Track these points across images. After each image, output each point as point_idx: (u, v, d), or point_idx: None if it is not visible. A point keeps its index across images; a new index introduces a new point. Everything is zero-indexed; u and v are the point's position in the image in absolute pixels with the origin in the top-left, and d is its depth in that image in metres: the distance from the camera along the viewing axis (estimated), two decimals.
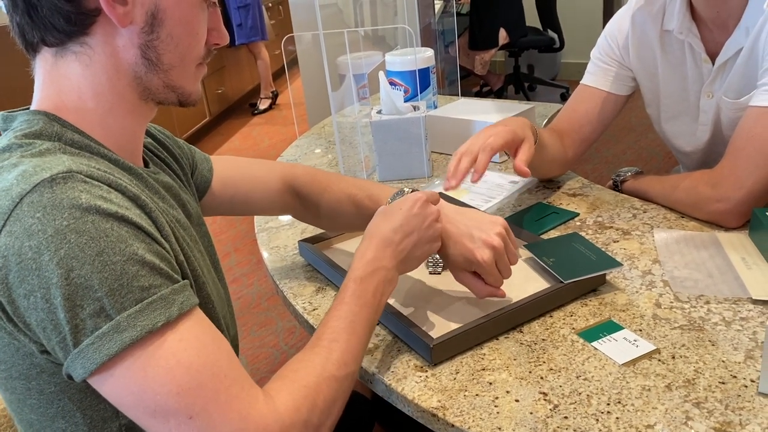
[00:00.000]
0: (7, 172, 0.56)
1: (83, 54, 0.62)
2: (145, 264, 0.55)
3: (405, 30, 1.45)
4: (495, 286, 0.81)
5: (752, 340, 0.73)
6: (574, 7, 4.48)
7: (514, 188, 1.21)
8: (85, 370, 0.53)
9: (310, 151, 1.57)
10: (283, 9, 5.62)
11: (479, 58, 4.01)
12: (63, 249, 0.51)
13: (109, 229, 0.53)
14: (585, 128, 1.21)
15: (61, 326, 0.52)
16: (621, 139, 3.49)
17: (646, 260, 0.92)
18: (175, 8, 0.63)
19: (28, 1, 0.60)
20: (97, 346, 0.52)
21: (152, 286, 0.55)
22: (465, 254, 0.78)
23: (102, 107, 0.64)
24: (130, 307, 0.53)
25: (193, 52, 0.66)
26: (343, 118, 1.49)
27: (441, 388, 0.72)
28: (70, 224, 0.52)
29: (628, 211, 1.07)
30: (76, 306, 0.52)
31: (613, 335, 0.77)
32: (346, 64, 1.39)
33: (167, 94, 0.67)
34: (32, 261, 0.51)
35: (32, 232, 0.51)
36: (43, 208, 0.51)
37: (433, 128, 1.39)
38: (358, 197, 0.92)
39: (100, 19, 0.61)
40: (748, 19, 1.00)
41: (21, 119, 0.62)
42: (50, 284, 0.51)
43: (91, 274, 0.52)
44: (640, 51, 1.16)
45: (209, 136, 4.56)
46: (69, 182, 0.53)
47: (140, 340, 0.53)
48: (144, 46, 0.63)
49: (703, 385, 0.68)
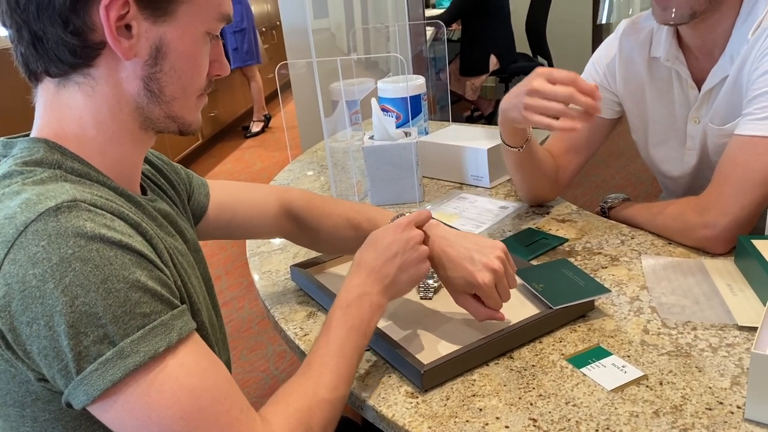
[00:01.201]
0: (8, 199, 0.56)
1: (86, 84, 0.63)
2: (147, 291, 0.55)
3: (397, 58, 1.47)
4: (494, 309, 0.81)
5: (738, 366, 0.74)
6: (563, 33, 4.56)
7: (504, 213, 1.22)
8: (88, 397, 0.53)
9: (302, 174, 1.58)
10: (276, 34, 5.69)
11: (470, 83, 4.06)
12: (68, 277, 0.51)
13: (113, 256, 0.54)
14: (573, 152, 1.23)
15: (63, 354, 0.53)
16: (610, 164, 3.53)
17: (634, 286, 0.93)
18: (179, 42, 0.64)
19: (33, 33, 0.60)
20: (100, 372, 0.53)
21: (153, 312, 0.55)
22: (466, 277, 0.79)
23: (102, 136, 0.65)
24: (132, 334, 0.54)
25: (195, 84, 0.67)
26: (336, 143, 1.51)
27: (431, 414, 0.72)
28: (75, 252, 0.52)
29: (617, 237, 1.08)
30: (80, 333, 0.52)
31: (602, 361, 0.77)
32: (339, 91, 1.41)
33: (168, 124, 0.68)
34: (36, 289, 0.51)
35: (37, 260, 0.51)
36: (48, 237, 0.52)
37: (424, 154, 1.41)
38: (356, 221, 0.92)
39: (105, 51, 0.61)
40: (732, 47, 1.02)
41: (21, 146, 0.63)
42: (54, 312, 0.51)
43: (96, 301, 0.52)
44: (627, 77, 1.19)
45: (202, 158, 4.57)
46: (74, 211, 0.54)
47: (143, 365, 0.54)
48: (147, 78, 0.64)
49: (690, 411, 0.68)
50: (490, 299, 0.80)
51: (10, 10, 0.60)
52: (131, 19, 0.60)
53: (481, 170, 1.36)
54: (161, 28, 0.62)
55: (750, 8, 1.01)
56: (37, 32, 0.60)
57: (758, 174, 0.95)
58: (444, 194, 1.36)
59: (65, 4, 0.58)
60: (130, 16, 0.60)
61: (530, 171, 1.15)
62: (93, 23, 0.60)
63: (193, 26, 0.64)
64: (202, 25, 0.65)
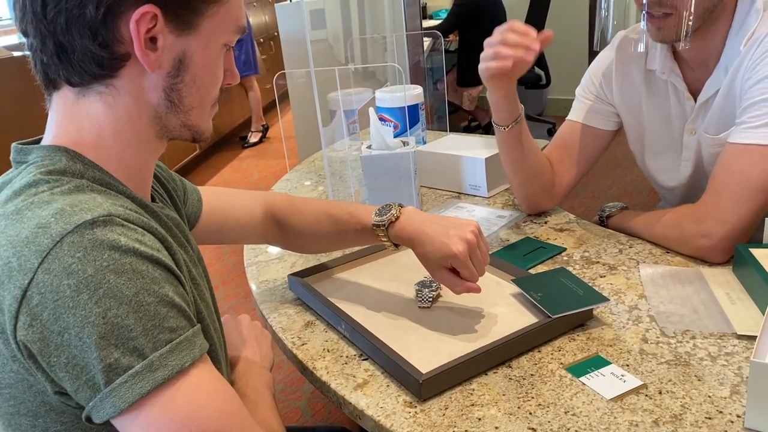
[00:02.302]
0: (38, 208, 0.56)
1: (107, 94, 0.64)
2: (174, 306, 0.57)
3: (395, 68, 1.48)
4: (470, 280, 0.85)
5: (737, 375, 0.74)
6: (560, 45, 4.58)
7: (502, 222, 1.22)
8: (116, 409, 0.53)
9: (300, 184, 1.58)
10: (273, 44, 5.70)
11: (467, 94, 4.08)
12: (102, 288, 0.52)
13: (145, 270, 0.55)
14: (570, 161, 1.24)
15: (91, 365, 0.53)
16: (607, 175, 3.54)
17: (633, 295, 0.93)
18: (200, 54, 0.65)
19: (59, 44, 0.61)
20: (129, 384, 0.53)
21: (179, 328, 0.56)
22: (441, 249, 0.84)
23: (120, 144, 0.65)
24: (161, 348, 0.55)
25: (211, 94, 0.69)
26: (334, 153, 1.51)
27: (430, 424, 0.71)
28: (109, 265, 0.53)
29: (615, 247, 1.08)
30: (110, 345, 0.53)
31: (601, 370, 0.77)
32: (336, 100, 1.41)
33: (183, 132, 0.69)
34: (70, 299, 0.52)
35: (72, 271, 0.52)
36: (83, 249, 0.53)
37: (422, 163, 1.41)
38: (336, 215, 0.94)
39: (129, 63, 0.62)
40: (726, 58, 1.03)
41: (39, 153, 0.63)
42: (87, 322, 0.52)
43: (128, 313, 0.53)
44: (623, 88, 1.20)
45: (199, 168, 4.57)
46: (108, 225, 0.55)
47: (171, 379, 0.54)
48: (168, 88, 0.65)
49: (689, 421, 0.68)
50: (465, 269, 0.84)
51: (35, 21, 0.61)
52: (158, 32, 0.61)
53: (478, 179, 1.36)
54: (185, 41, 0.64)
55: (742, 20, 1.01)
56: (63, 43, 0.61)
57: (755, 182, 0.95)
58: (442, 203, 1.36)
59: (97, 17, 0.59)
60: (156, 30, 0.61)
61: (521, 162, 1.16)
62: (121, 36, 0.61)
63: (214, 39, 0.66)
64: (221, 37, 0.67)
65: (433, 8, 5.46)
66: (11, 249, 0.54)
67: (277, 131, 5.26)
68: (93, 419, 0.55)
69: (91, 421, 0.55)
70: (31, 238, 0.53)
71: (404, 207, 0.90)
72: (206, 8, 0.64)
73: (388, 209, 0.89)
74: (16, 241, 0.54)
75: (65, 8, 0.59)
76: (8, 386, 0.57)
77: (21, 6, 0.61)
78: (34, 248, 0.53)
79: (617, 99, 1.21)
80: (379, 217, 0.89)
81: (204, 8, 0.64)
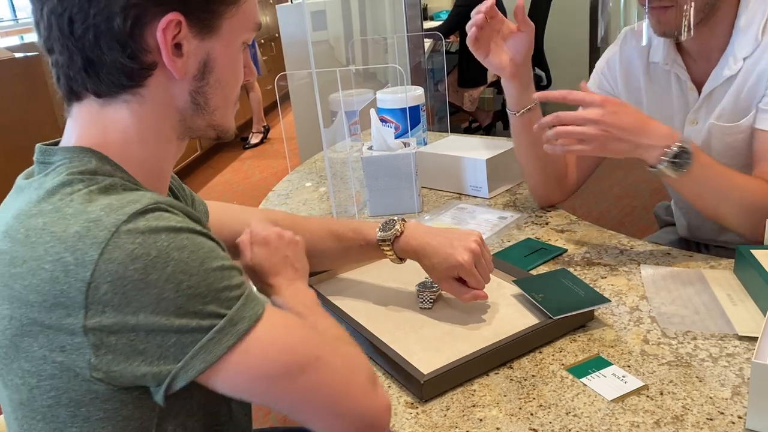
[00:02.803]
0: (81, 205, 0.58)
1: (134, 102, 0.65)
2: (232, 267, 0.61)
3: (396, 69, 1.48)
4: (477, 288, 0.88)
5: (739, 376, 0.74)
6: (560, 45, 4.58)
7: (503, 224, 1.22)
8: (206, 364, 0.57)
9: (301, 185, 1.58)
10: (275, 45, 5.71)
11: (468, 95, 4.08)
12: (170, 266, 0.56)
13: (201, 242, 0.59)
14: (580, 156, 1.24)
15: (172, 335, 0.56)
16: (608, 176, 3.54)
17: (634, 296, 0.93)
18: (223, 55, 0.67)
19: (87, 59, 0.62)
20: (216, 340, 0.57)
21: (242, 284, 0.61)
22: (447, 259, 0.87)
23: (144, 148, 0.67)
24: (235, 303, 0.59)
25: (234, 92, 0.71)
26: (335, 154, 1.51)
27: (431, 424, 0.71)
28: (170, 244, 0.56)
29: (616, 248, 1.09)
30: (189, 313, 0.56)
31: (602, 371, 0.77)
32: (338, 101, 1.41)
33: (208, 132, 0.71)
34: (139, 281, 0.55)
35: (136, 256, 0.55)
36: (141, 234, 0.56)
37: (423, 164, 1.41)
38: (339, 231, 0.96)
39: (157, 71, 0.64)
40: (736, 48, 1.05)
41: (64, 154, 0.64)
42: (161, 299, 0.55)
43: (199, 282, 0.57)
44: (626, 82, 1.22)
45: (200, 169, 4.57)
46: (157, 212, 0.58)
47: (251, 328, 0.59)
48: (194, 92, 0.67)
49: (691, 422, 0.68)
50: (471, 277, 0.87)
51: (62, 38, 0.62)
52: (182, 38, 0.63)
53: (479, 181, 1.36)
54: (208, 44, 0.65)
55: (749, 8, 1.03)
56: (91, 58, 0.62)
57: None
58: (443, 204, 1.36)
59: (125, 29, 0.60)
60: (180, 36, 0.63)
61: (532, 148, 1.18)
62: (148, 45, 0.62)
63: (234, 38, 0.68)
64: (240, 36, 0.68)
65: (433, 9, 5.46)
66: (61, 245, 0.55)
67: (278, 132, 5.27)
68: (175, 385, 0.57)
69: (169, 390, 0.58)
70: (84, 232, 0.55)
71: (407, 221, 0.93)
72: (226, 10, 0.65)
73: (392, 224, 0.91)
74: (65, 237, 0.56)
75: (93, 24, 0.60)
76: (49, 377, 0.58)
77: (46, 25, 0.63)
78: (90, 241, 0.55)
79: (622, 92, 1.22)
80: (384, 232, 0.92)
81: (224, 10, 0.65)
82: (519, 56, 1.14)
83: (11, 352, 0.58)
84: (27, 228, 0.58)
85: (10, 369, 0.59)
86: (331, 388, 0.63)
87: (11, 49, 2.63)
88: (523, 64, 1.15)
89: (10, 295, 0.57)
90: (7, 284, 0.57)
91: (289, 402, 0.63)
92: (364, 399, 0.65)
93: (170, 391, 0.58)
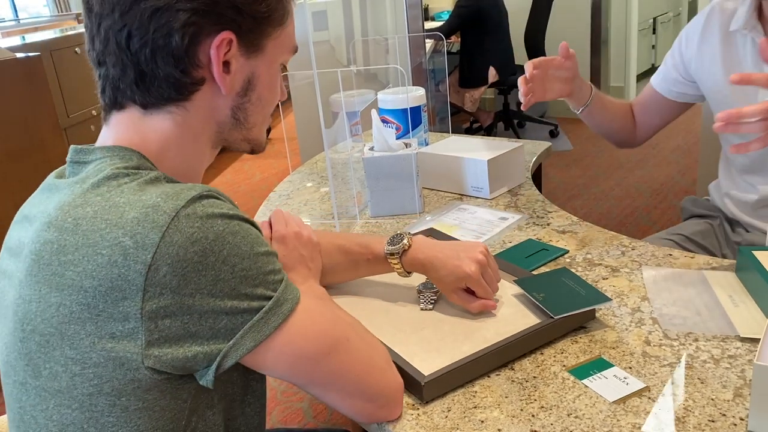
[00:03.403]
0: (133, 194, 0.60)
1: (178, 114, 0.68)
2: (274, 253, 0.66)
3: (397, 69, 1.48)
4: (485, 297, 0.89)
5: (740, 378, 0.74)
6: None
7: (504, 224, 1.22)
8: (255, 342, 0.61)
9: (302, 185, 1.58)
10: None
11: (469, 95, 4.08)
12: (225, 249, 0.59)
13: (249, 229, 0.63)
14: (642, 119, 1.42)
15: (224, 315, 0.60)
16: (609, 176, 3.54)
17: (635, 297, 0.93)
18: (266, 74, 0.72)
19: (140, 72, 0.65)
20: (265, 320, 0.62)
21: (281, 269, 0.66)
22: (455, 271, 0.88)
23: (181, 156, 0.70)
24: (279, 285, 0.64)
25: (271, 109, 0.76)
26: (336, 155, 1.51)
27: (433, 426, 0.71)
28: (225, 229, 0.60)
29: (617, 249, 1.08)
30: (241, 294, 0.60)
31: (604, 373, 0.77)
32: (339, 102, 1.41)
33: (242, 144, 0.75)
34: (198, 264, 0.58)
35: (195, 239, 0.58)
36: (200, 218, 0.59)
37: (424, 165, 1.41)
38: (346, 246, 0.97)
39: (204, 86, 0.68)
40: None
41: (104, 152, 0.66)
42: (218, 279, 0.59)
43: (250, 265, 0.61)
44: (701, 48, 1.27)
45: None
46: (211, 198, 0.62)
47: (293, 310, 0.64)
48: (236, 107, 0.71)
49: (693, 424, 0.68)
50: (479, 287, 0.88)
51: (119, 51, 0.65)
52: (231, 56, 0.67)
53: (481, 181, 1.36)
54: (253, 62, 0.70)
55: None
56: (144, 71, 0.65)
57: None
58: (444, 205, 1.36)
59: (182, 46, 0.64)
60: (230, 54, 0.67)
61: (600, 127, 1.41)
62: (200, 61, 0.66)
63: (276, 58, 0.72)
64: (281, 57, 0.73)
65: (435, 10, 5.46)
66: (119, 230, 0.58)
67: (280, 132, 5.26)
68: (226, 363, 0.61)
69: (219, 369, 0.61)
70: (142, 217, 0.58)
71: (414, 236, 0.94)
72: (272, 31, 0.70)
73: (401, 238, 0.93)
74: (122, 223, 0.58)
75: (151, 39, 0.64)
76: (94, 365, 0.59)
77: (102, 40, 0.65)
78: (150, 225, 0.57)
79: (694, 57, 1.27)
80: (392, 246, 0.93)
81: (270, 31, 0.70)
82: (570, 76, 1.28)
83: (54, 340, 0.59)
84: (75, 218, 0.60)
85: (50, 357, 0.60)
86: (357, 367, 0.69)
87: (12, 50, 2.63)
88: (574, 81, 1.29)
89: (59, 283, 0.58)
90: (56, 272, 0.59)
91: (321, 381, 0.67)
92: (383, 378, 0.71)
93: (221, 369, 0.61)
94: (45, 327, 0.59)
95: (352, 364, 0.68)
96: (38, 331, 0.60)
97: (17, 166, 2.32)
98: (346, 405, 0.70)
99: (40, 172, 2.57)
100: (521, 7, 4.25)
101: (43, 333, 0.60)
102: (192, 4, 0.63)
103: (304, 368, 0.66)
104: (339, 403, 0.70)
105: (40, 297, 0.59)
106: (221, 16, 0.65)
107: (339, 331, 0.69)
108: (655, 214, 3.09)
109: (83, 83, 3.11)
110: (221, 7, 0.65)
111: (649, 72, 5.71)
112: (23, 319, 0.61)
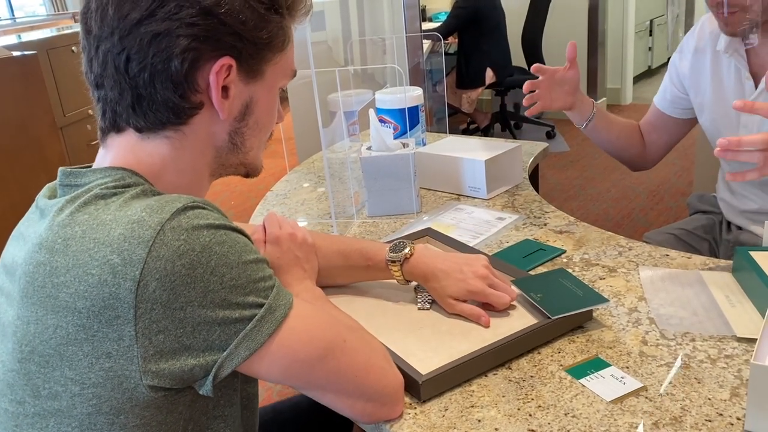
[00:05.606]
0: (119, 210, 0.60)
1: (175, 138, 0.68)
2: (263, 260, 0.65)
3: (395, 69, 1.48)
4: (503, 306, 0.89)
5: (737, 378, 0.74)
6: (558, 47, 4.58)
7: (501, 225, 1.22)
8: (250, 351, 0.61)
9: (299, 185, 1.58)
10: None
11: (466, 96, 4.09)
12: (213, 260, 0.58)
13: (236, 237, 0.62)
14: (652, 137, 1.42)
15: (216, 327, 0.59)
16: (606, 178, 3.55)
17: (632, 297, 0.93)
18: (264, 99, 0.71)
19: (137, 96, 0.64)
20: (258, 328, 0.61)
21: (272, 275, 0.65)
22: (460, 284, 0.89)
23: (177, 180, 0.69)
24: (270, 292, 0.63)
25: (268, 133, 0.76)
26: (333, 154, 1.51)
27: (430, 425, 0.71)
28: (212, 239, 0.59)
29: (614, 249, 1.09)
30: (232, 304, 0.59)
31: (601, 372, 0.77)
32: (336, 102, 1.41)
33: (239, 169, 0.75)
34: (186, 276, 0.57)
35: (182, 252, 0.57)
36: (185, 231, 0.58)
37: (421, 165, 1.41)
38: (346, 251, 0.97)
39: (202, 111, 0.67)
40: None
41: (97, 174, 0.65)
42: (208, 291, 0.58)
43: (239, 274, 0.60)
44: (694, 64, 1.28)
45: None
46: (196, 209, 0.61)
47: (286, 315, 0.63)
48: (233, 132, 0.71)
49: (690, 423, 0.68)
50: (491, 297, 0.88)
51: (116, 74, 0.64)
52: (230, 81, 0.66)
53: (478, 181, 1.36)
54: (252, 88, 0.69)
55: None
56: (142, 95, 0.64)
57: None
58: (441, 205, 1.36)
59: (181, 70, 0.63)
60: (229, 79, 0.66)
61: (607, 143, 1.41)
62: (198, 86, 0.65)
63: (275, 83, 0.72)
64: (280, 81, 0.72)
65: (432, 10, 5.46)
66: (106, 248, 0.57)
67: (277, 132, 5.24)
68: (222, 373, 0.60)
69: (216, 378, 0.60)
70: (128, 233, 0.57)
71: (416, 245, 0.94)
72: (273, 56, 0.69)
73: (403, 246, 0.93)
74: (109, 241, 0.57)
75: (150, 63, 0.63)
76: (93, 385, 0.58)
77: (101, 63, 0.65)
78: (136, 241, 0.57)
79: (687, 74, 1.28)
80: (394, 253, 0.93)
81: (271, 57, 0.69)
82: (572, 89, 1.30)
83: (54, 361, 0.59)
84: (65, 238, 0.59)
85: (50, 377, 0.59)
86: (356, 368, 0.68)
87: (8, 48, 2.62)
88: (576, 93, 1.31)
89: (54, 305, 0.58)
90: (50, 294, 0.58)
91: (319, 384, 0.67)
92: (384, 377, 0.71)
93: (217, 379, 0.61)
94: (44, 348, 0.59)
95: (350, 365, 0.68)
96: (37, 352, 0.59)
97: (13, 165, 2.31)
98: (346, 406, 0.70)
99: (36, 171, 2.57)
100: (519, 9, 4.26)
101: (42, 354, 0.59)
102: (192, 30, 0.62)
103: (300, 372, 0.65)
104: (339, 404, 0.69)
105: (37, 319, 0.59)
106: (222, 42, 0.64)
107: (335, 333, 0.68)
108: (651, 216, 3.10)
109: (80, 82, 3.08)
110: (222, 34, 0.64)
111: (646, 74, 5.73)
112: (22, 340, 0.60)
